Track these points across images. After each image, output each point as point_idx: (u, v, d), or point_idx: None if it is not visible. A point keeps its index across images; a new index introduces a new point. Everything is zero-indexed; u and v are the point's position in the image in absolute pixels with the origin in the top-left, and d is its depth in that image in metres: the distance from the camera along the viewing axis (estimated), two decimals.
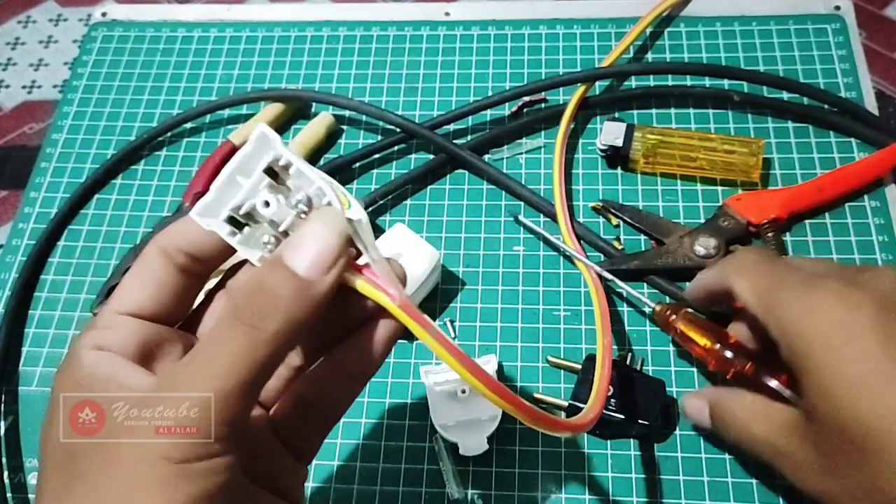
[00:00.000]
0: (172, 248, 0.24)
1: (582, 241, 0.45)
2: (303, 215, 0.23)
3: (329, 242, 0.22)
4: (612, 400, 0.38)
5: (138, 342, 0.24)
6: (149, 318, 0.24)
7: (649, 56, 0.53)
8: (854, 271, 0.31)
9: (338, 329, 0.25)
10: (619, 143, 0.47)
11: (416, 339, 0.23)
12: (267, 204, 0.23)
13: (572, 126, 0.50)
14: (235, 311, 0.22)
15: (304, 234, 0.22)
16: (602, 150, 0.48)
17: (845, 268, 0.32)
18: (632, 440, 0.39)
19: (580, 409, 0.39)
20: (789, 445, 0.30)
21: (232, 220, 0.23)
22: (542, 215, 0.47)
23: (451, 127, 0.51)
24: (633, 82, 0.51)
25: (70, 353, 0.24)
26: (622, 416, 0.38)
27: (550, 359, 0.42)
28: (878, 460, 0.25)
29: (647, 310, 0.42)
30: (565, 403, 0.40)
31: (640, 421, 0.38)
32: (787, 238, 0.45)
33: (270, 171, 0.23)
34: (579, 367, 0.40)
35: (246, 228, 0.23)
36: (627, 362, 0.41)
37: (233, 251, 0.24)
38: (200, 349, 0.22)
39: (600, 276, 0.42)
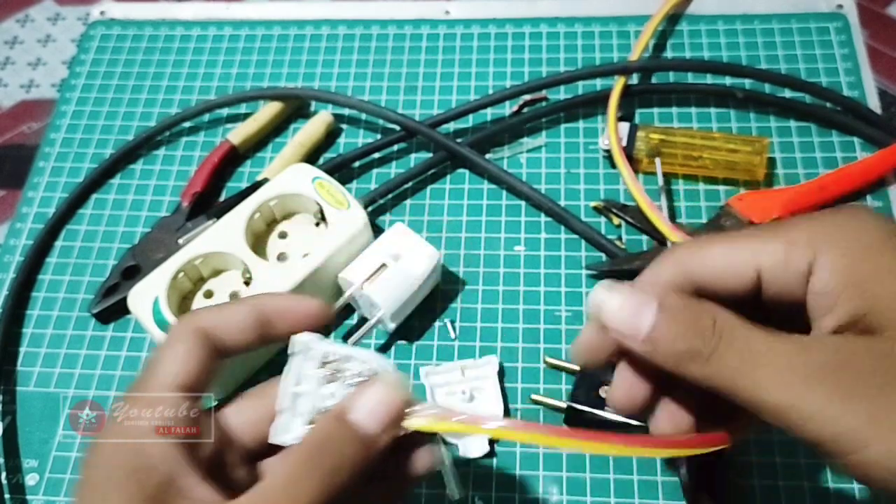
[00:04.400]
0: (206, 328, 0.26)
1: (583, 241, 0.45)
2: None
3: (392, 402, 0.25)
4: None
5: (187, 422, 0.25)
6: (191, 391, 0.26)
7: (650, 54, 0.53)
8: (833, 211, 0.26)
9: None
10: (623, 142, 0.47)
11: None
12: (332, 395, 0.26)
13: (573, 125, 0.50)
14: (310, 460, 0.24)
15: (370, 395, 0.25)
16: (605, 150, 0.48)
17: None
18: None
19: (579, 412, 0.39)
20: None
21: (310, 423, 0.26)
22: (542, 214, 0.47)
23: (452, 126, 0.51)
24: (634, 79, 0.51)
25: (123, 425, 0.24)
26: (622, 418, 0.38)
27: (548, 360, 0.41)
28: None
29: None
30: (564, 405, 0.39)
31: (640, 423, 0.38)
32: None
33: (321, 366, 0.26)
34: (578, 368, 0.40)
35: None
36: None
37: (250, 346, 0.27)
38: (273, 487, 0.23)
39: None
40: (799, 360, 0.22)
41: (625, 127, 0.47)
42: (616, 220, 0.46)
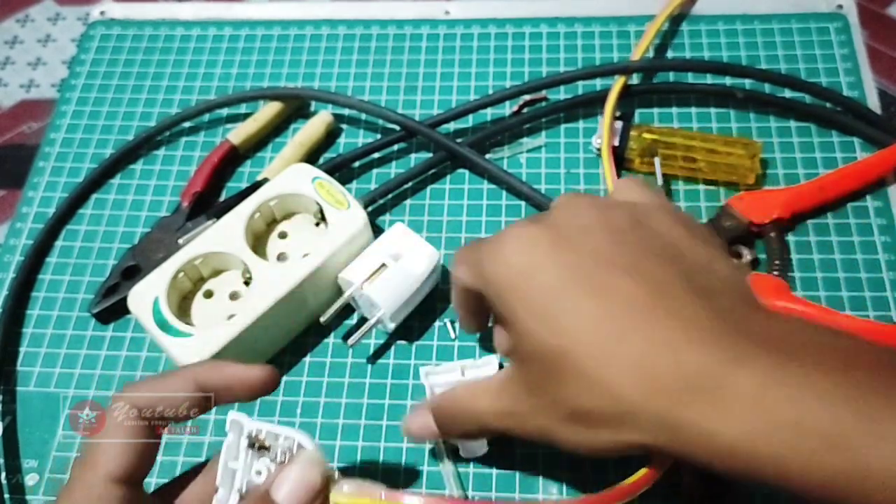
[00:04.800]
0: (146, 406, 0.27)
1: None
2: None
3: (312, 479, 0.27)
4: None
5: None
6: (134, 478, 0.27)
7: (651, 54, 0.53)
8: (546, 211, 0.31)
9: None
10: (616, 141, 0.47)
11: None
12: (259, 472, 0.28)
13: (573, 125, 0.50)
14: None
15: (290, 475, 0.27)
16: (597, 150, 0.48)
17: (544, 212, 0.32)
18: None
19: None
20: (511, 399, 0.29)
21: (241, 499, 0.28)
22: None
23: (452, 126, 0.51)
24: (634, 79, 0.51)
25: None
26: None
27: None
28: (561, 379, 0.26)
29: None
30: None
31: None
32: (790, 238, 0.44)
33: (252, 445, 0.28)
34: None
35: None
36: None
37: (197, 413, 0.29)
38: None
39: None
40: (489, 386, 0.31)
41: (619, 126, 0.47)
42: None
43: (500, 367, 0.41)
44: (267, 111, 0.51)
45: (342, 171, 0.49)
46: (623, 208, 0.30)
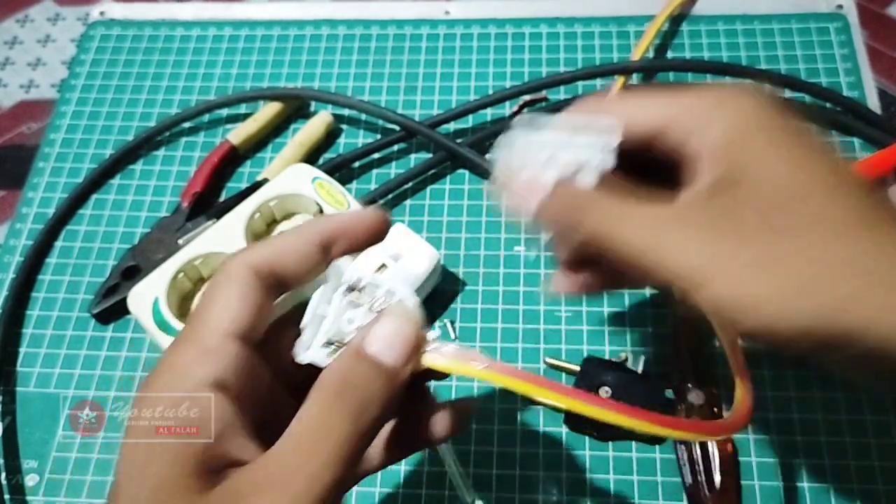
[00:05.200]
0: (265, 266, 0.25)
1: None
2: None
3: (408, 333, 0.24)
4: (612, 401, 0.38)
5: (245, 374, 0.23)
6: (247, 338, 0.24)
7: (651, 55, 0.53)
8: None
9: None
10: None
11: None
12: (351, 321, 0.26)
13: None
14: (337, 399, 0.23)
15: (384, 326, 0.24)
16: None
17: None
18: (633, 442, 0.39)
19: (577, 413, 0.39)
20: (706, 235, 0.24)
21: (328, 344, 0.26)
22: None
23: (451, 126, 0.51)
24: (634, 79, 0.51)
25: (177, 373, 0.23)
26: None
27: (548, 360, 0.41)
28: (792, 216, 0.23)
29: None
30: (577, 368, 0.39)
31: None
32: None
33: (348, 291, 0.26)
34: (578, 368, 0.40)
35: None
36: (628, 364, 0.41)
37: (316, 272, 0.26)
38: (303, 433, 0.22)
39: None
40: (657, 213, 0.25)
41: None
42: None
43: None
44: (267, 111, 0.51)
45: (342, 171, 0.49)
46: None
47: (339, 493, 0.22)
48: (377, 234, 0.27)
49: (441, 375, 0.25)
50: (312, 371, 0.24)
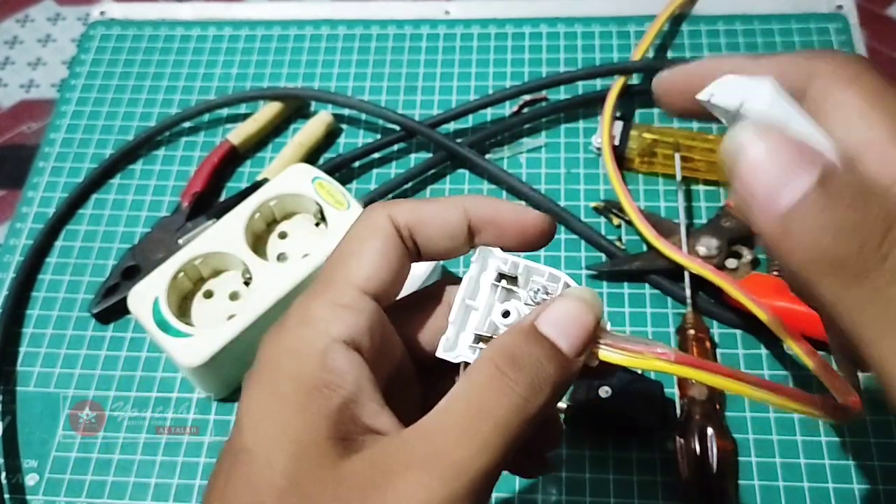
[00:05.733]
0: (408, 224, 0.22)
1: (583, 241, 0.45)
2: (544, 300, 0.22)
3: (587, 321, 0.21)
4: (611, 400, 0.38)
5: (378, 336, 0.21)
6: (380, 298, 0.22)
7: (651, 55, 0.53)
8: None
9: None
10: (616, 141, 0.47)
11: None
12: (506, 314, 0.23)
13: (573, 126, 0.50)
14: (505, 378, 0.20)
15: (561, 309, 0.21)
16: (597, 149, 0.48)
17: None
18: (632, 442, 0.39)
19: (579, 412, 0.39)
20: None
21: (477, 340, 0.23)
22: None
23: (451, 126, 0.51)
24: (635, 79, 0.51)
25: (310, 327, 0.21)
26: (620, 416, 0.38)
27: None
28: None
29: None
30: (564, 405, 0.39)
31: (639, 423, 0.38)
32: None
33: (500, 278, 0.23)
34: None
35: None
36: None
37: (458, 252, 0.24)
38: (459, 410, 0.20)
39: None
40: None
41: (619, 126, 0.47)
42: (616, 221, 0.46)
43: None
44: (267, 111, 0.51)
45: (342, 171, 0.49)
46: None
47: (490, 483, 0.19)
48: (534, 240, 0.23)
49: (605, 369, 0.22)
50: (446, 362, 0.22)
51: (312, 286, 0.22)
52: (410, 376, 0.24)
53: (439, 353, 0.22)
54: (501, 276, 0.23)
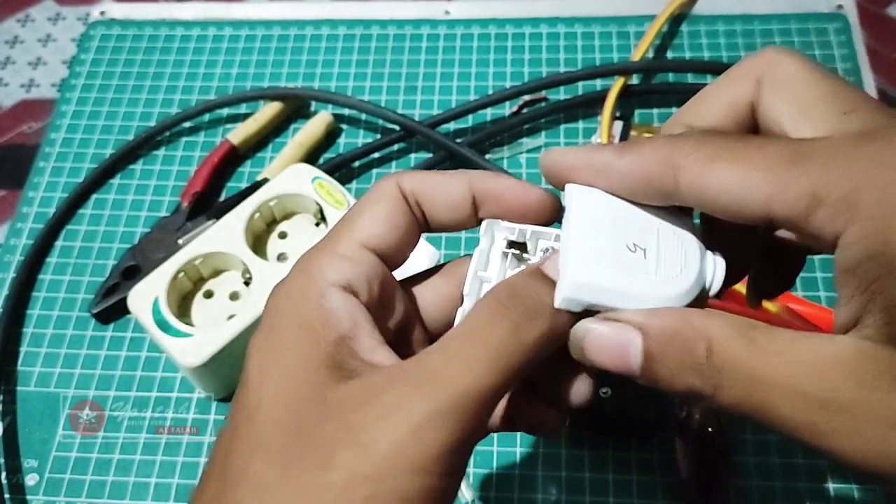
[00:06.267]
0: (414, 192, 0.23)
1: None
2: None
3: None
4: (611, 399, 0.38)
5: (377, 287, 0.22)
6: (384, 257, 0.23)
7: (651, 55, 0.53)
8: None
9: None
10: (616, 141, 0.47)
11: None
12: None
13: (573, 126, 0.50)
14: (500, 306, 0.20)
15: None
16: None
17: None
18: (632, 442, 0.39)
19: (580, 413, 0.39)
20: (846, 390, 0.19)
21: None
22: None
23: (451, 126, 0.51)
24: (634, 79, 0.51)
25: (309, 274, 0.22)
26: (620, 416, 0.38)
27: None
28: None
29: None
30: None
31: (638, 422, 0.38)
32: None
33: (509, 247, 0.24)
34: None
35: None
36: None
37: (463, 225, 0.24)
38: (454, 338, 0.20)
39: None
40: (824, 369, 0.19)
41: (618, 126, 0.47)
42: None
43: None
44: (267, 111, 0.51)
45: (342, 171, 0.49)
46: None
47: (481, 408, 0.19)
48: (536, 216, 0.23)
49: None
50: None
51: (317, 243, 0.23)
52: (419, 336, 0.24)
53: (456, 325, 0.23)
54: (511, 244, 0.24)
